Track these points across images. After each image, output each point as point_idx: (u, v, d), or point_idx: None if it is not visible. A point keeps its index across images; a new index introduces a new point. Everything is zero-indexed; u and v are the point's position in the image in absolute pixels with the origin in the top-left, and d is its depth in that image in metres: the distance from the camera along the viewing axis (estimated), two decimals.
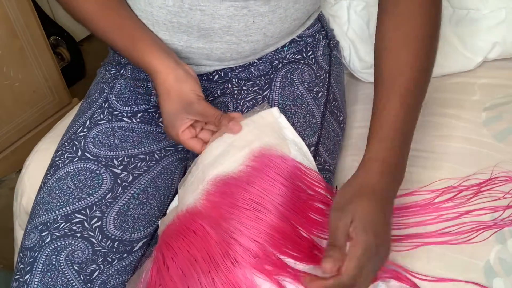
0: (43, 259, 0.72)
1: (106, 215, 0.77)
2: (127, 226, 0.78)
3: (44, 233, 0.74)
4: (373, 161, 0.66)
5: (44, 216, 0.75)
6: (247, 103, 0.84)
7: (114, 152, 0.81)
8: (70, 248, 0.73)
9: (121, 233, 0.77)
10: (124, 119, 0.85)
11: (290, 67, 0.86)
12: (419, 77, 0.70)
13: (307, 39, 0.90)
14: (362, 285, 0.60)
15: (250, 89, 0.85)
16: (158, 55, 0.76)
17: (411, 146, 0.90)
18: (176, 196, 0.77)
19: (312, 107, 0.82)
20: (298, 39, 0.89)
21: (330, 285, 0.57)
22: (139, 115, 0.86)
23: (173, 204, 0.77)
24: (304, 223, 0.68)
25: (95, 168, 0.79)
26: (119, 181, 0.79)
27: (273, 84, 0.84)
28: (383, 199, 0.64)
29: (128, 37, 0.78)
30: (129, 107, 0.86)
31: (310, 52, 0.89)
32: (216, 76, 0.89)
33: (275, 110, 0.77)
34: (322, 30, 0.93)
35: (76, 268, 0.72)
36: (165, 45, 0.80)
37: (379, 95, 0.70)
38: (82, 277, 0.72)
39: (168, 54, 0.77)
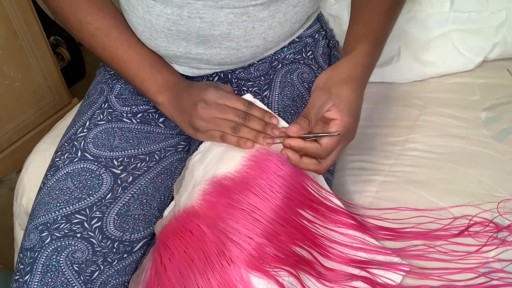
0: (43, 260, 0.72)
1: (106, 215, 0.77)
2: (127, 227, 0.78)
3: (44, 234, 0.74)
4: (360, 56, 0.72)
5: (44, 217, 0.75)
6: None
7: (114, 153, 0.81)
8: (70, 249, 0.73)
9: (121, 234, 0.77)
10: (124, 119, 0.85)
11: (289, 67, 0.86)
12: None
13: (307, 39, 0.90)
14: (330, 159, 0.69)
15: (250, 89, 0.85)
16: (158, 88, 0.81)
17: (411, 145, 0.91)
18: (173, 200, 0.77)
19: None
20: (297, 39, 0.89)
21: (308, 148, 0.67)
22: (139, 115, 0.86)
23: (170, 207, 0.78)
24: (299, 223, 0.69)
25: (95, 169, 0.79)
26: (119, 182, 0.79)
27: (272, 84, 0.84)
28: (361, 89, 0.72)
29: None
30: (129, 108, 0.86)
31: (310, 52, 0.89)
32: (216, 78, 0.89)
33: (248, 96, 0.79)
34: (321, 30, 0.93)
35: (76, 268, 0.72)
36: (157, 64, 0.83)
37: (364, 9, 0.78)
38: (82, 278, 0.72)
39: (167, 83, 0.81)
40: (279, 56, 0.88)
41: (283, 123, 0.77)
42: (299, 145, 0.66)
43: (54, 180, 0.78)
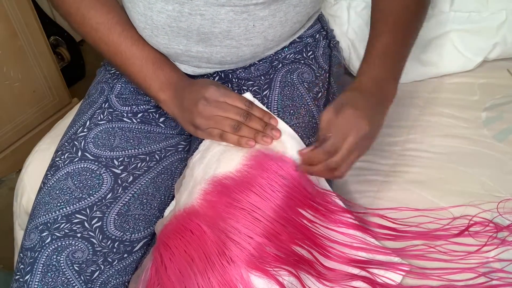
0: (43, 260, 0.72)
1: (106, 215, 0.77)
2: (128, 227, 0.78)
3: (44, 234, 0.74)
4: (361, 75, 0.74)
5: (44, 216, 0.75)
6: None
7: (114, 152, 0.81)
8: (70, 249, 0.73)
9: (122, 234, 0.77)
10: (124, 119, 0.85)
11: (290, 67, 0.86)
12: (411, 15, 0.79)
13: (307, 39, 0.90)
14: (345, 158, 0.67)
15: (250, 88, 0.85)
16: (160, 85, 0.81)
17: (411, 145, 0.91)
18: (173, 200, 0.77)
19: (312, 107, 0.82)
20: (298, 39, 0.89)
21: (317, 152, 0.67)
22: (139, 115, 0.86)
23: (170, 207, 0.78)
24: (299, 223, 0.69)
25: (95, 169, 0.79)
26: (119, 181, 0.79)
27: (272, 84, 0.84)
28: (370, 98, 0.71)
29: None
30: (129, 107, 0.86)
31: (310, 52, 0.89)
32: (217, 78, 0.89)
33: (248, 95, 0.79)
34: (322, 30, 0.93)
35: (77, 268, 0.72)
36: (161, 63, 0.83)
37: (374, 29, 0.78)
38: (82, 278, 0.72)
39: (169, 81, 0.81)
40: (280, 56, 0.88)
41: (282, 124, 0.77)
42: (306, 157, 0.69)
43: (55, 180, 0.78)
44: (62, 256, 0.72)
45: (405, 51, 0.79)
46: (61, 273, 0.71)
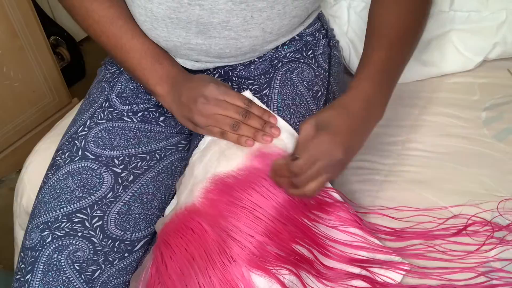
0: (44, 259, 0.72)
1: (107, 214, 0.77)
2: (128, 226, 0.78)
3: (45, 233, 0.74)
4: (352, 90, 0.70)
5: (45, 216, 0.75)
6: None
7: (115, 152, 0.82)
8: (71, 248, 0.73)
9: (122, 233, 0.77)
10: (125, 118, 0.85)
11: (290, 66, 0.86)
12: (407, 32, 0.76)
13: (307, 37, 0.90)
14: (309, 181, 0.65)
15: (250, 87, 0.85)
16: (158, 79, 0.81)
17: (411, 145, 0.91)
18: (174, 199, 0.77)
19: (312, 106, 0.82)
20: (298, 37, 0.89)
21: (283, 168, 0.66)
22: (139, 114, 0.87)
23: (171, 206, 0.78)
24: (300, 222, 0.69)
25: (95, 168, 0.79)
26: (119, 181, 0.80)
27: (272, 83, 0.84)
28: (354, 119, 0.68)
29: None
30: (129, 107, 0.87)
31: (310, 51, 0.89)
32: (217, 75, 0.89)
33: (247, 93, 0.80)
34: (322, 29, 0.93)
35: (77, 267, 0.72)
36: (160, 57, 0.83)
37: (368, 44, 0.75)
38: (83, 277, 0.72)
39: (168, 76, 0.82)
40: (280, 54, 0.88)
41: (281, 122, 0.77)
42: (274, 166, 0.68)
43: (55, 179, 0.79)
44: (63, 256, 0.72)
45: (399, 71, 0.76)
46: (62, 272, 0.72)
